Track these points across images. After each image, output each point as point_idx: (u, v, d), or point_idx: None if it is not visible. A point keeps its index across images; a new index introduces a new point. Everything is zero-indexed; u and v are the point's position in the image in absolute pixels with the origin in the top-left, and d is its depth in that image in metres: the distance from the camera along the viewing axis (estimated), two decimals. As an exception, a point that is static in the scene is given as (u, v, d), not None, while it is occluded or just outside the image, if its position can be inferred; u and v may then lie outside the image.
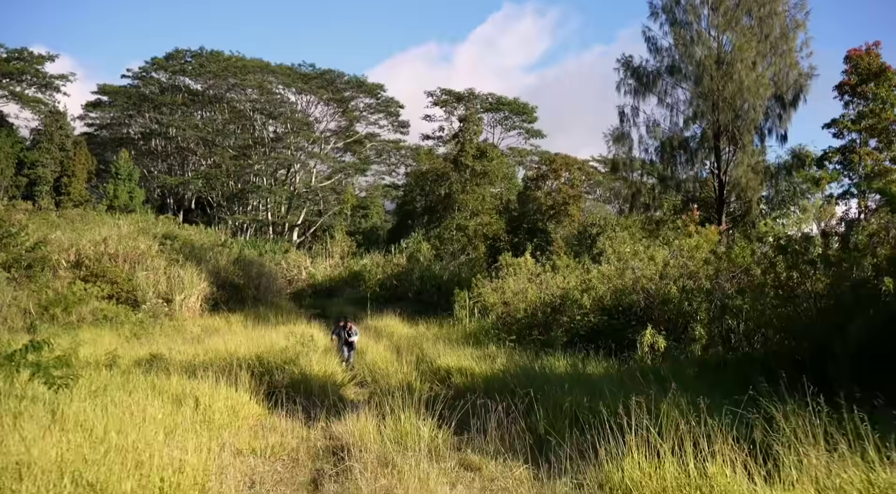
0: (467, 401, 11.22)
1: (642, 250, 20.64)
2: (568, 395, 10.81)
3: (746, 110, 29.50)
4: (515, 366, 15.10)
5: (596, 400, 10.34)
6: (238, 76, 76.45)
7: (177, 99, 77.95)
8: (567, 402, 10.52)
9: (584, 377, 13.29)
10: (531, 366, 14.85)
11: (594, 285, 20.04)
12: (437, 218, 50.78)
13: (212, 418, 11.24)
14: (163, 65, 78.54)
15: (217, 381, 13.08)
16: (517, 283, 23.97)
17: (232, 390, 12.76)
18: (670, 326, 16.94)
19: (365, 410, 11.45)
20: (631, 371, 13.58)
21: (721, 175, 30.75)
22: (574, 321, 19.48)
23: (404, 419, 10.32)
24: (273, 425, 11.74)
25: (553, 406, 10.66)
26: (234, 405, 12.01)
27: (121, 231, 35.75)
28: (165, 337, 23.51)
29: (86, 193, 67.90)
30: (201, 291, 33.08)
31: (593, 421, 9.31)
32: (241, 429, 11.34)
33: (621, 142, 32.45)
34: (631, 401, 8.62)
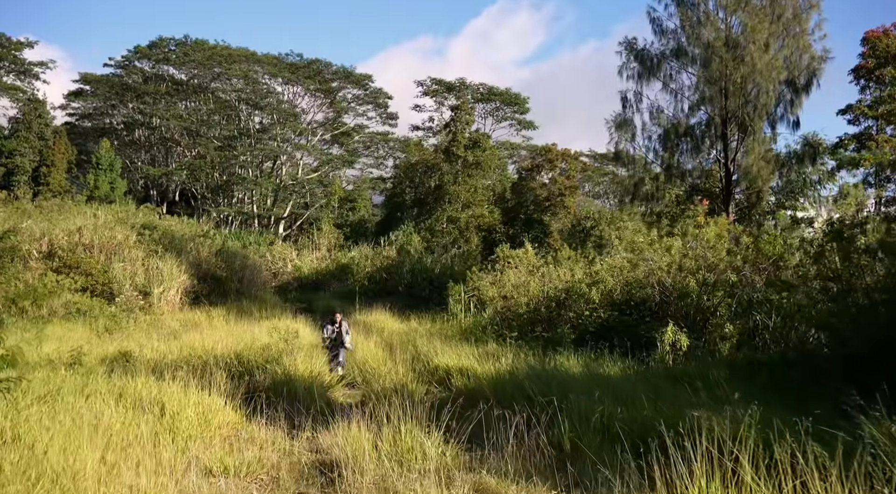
0: (472, 408, 9.76)
1: (657, 239, 19.05)
2: (598, 403, 9.25)
3: (758, 95, 27.97)
4: (524, 367, 13.57)
5: (633, 409, 8.84)
6: (223, 65, 74.68)
7: (160, 88, 76.12)
8: (597, 412, 8.92)
9: (602, 379, 11.79)
10: (541, 367, 13.30)
11: (603, 277, 18.55)
12: (427, 210, 49.22)
13: (179, 427, 9.70)
14: (146, 53, 76.64)
15: (188, 383, 11.53)
16: (518, 276, 22.44)
17: (205, 394, 11.21)
18: (688, 322, 15.47)
19: (357, 418, 9.89)
20: (653, 373, 12.13)
21: (728, 164, 29.26)
22: (582, 316, 18.01)
23: (405, 432, 8.77)
24: (251, 435, 10.20)
25: (579, 417, 9.09)
26: (205, 412, 10.45)
27: (97, 221, 34.00)
28: (140, 332, 21.95)
29: (66, 183, 66.08)
30: (181, 283, 31.55)
31: (629, 434, 7.82)
32: (214, 441, 9.78)
33: (624, 129, 30.90)
34: (683, 412, 7.06)
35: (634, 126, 30.96)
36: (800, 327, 13.01)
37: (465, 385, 13.35)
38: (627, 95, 31.00)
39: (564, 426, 8.76)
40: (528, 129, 75.01)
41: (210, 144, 74.69)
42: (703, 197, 28.43)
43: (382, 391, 12.61)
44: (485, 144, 49.01)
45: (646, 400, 9.20)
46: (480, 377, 13.56)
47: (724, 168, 29.36)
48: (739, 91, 28.26)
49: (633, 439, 7.77)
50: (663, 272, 16.94)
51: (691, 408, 7.37)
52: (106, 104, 79.88)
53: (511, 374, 12.99)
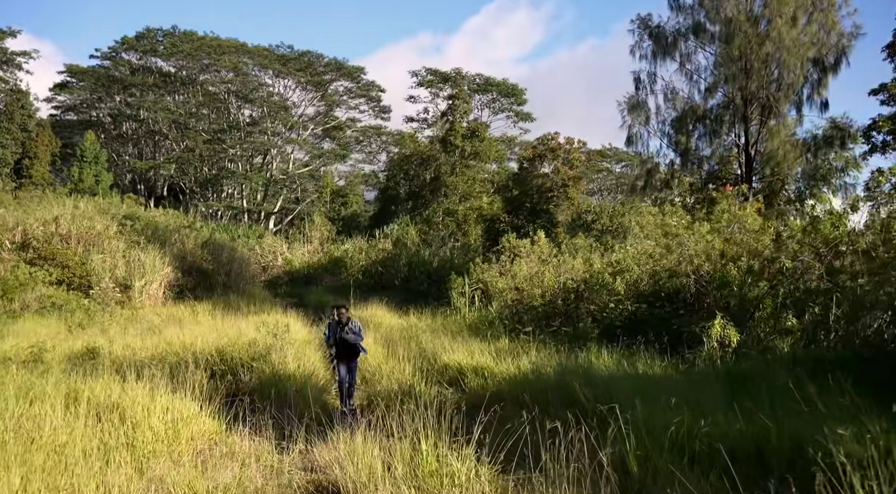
0: (498, 414, 7.94)
1: (690, 223, 17.10)
2: (664, 412, 7.41)
3: (783, 74, 26.08)
4: (550, 365, 11.74)
5: (716, 420, 7.01)
6: (212, 57, 72.92)
7: (148, 80, 74.28)
8: (671, 424, 7.01)
9: (648, 380, 9.96)
10: (574, 365, 11.45)
11: (629, 266, 16.70)
12: (422, 203, 47.44)
13: (140, 440, 7.84)
14: (133, 45, 74.69)
15: (157, 385, 9.66)
16: (530, 266, 20.58)
17: (177, 397, 9.35)
18: (730, 315, 13.64)
19: (361, 427, 8.04)
20: (703, 373, 10.35)
21: (749, 149, 27.40)
22: (606, 309, 16.18)
23: (426, 448, 6.90)
24: (231, 448, 8.36)
25: (645, 429, 7.20)
26: (176, 421, 8.58)
27: (76, 210, 32.07)
28: (117, 327, 20.02)
29: (49, 176, 64.18)
30: (164, 276, 29.66)
31: (717, 454, 6.01)
32: (184, 457, 7.91)
33: (637, 111, 28.99)
34: (799, 427, 5.22)
35: (648, 109, 29.09)
36: (872, 320, 11.21)
37: (482, 387, 11.53)
38: (640, 75, 29.13)
39: (629, 443, 6.84)
40: (526, 120, 73.26)
41: (199, 138, 72.93)
42: (725, 183, 26.48)
43: (386, 394, 10.83)
44: (483, 133, 47.22)
45: (721, 409, 7.36)
46: (499, 377, 11.75)
47: (745, 153, 27.52)
48: (763, 70, 26.37)
49: (724, 460, 5.93)
50: (700, 259, 15.07)
51: (797, 419, 5.56)
52: (92, 96, 78.02)
53: (536, 374, 11.18)
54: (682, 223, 16.74)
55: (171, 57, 75.28)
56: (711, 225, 16.45)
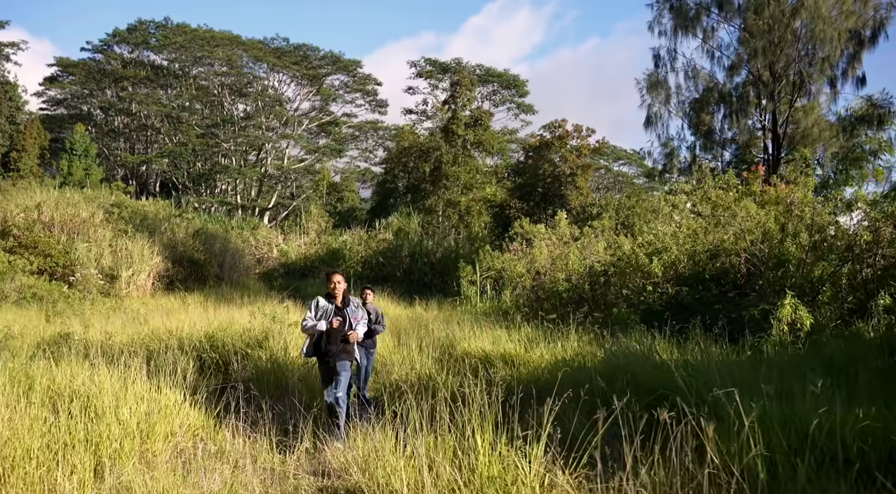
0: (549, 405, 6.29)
1: (738, 196, 15.41)
2: (776, 405, 5.75)
3: (819, 47, 24.37)
4: (593, 353, 10.09)
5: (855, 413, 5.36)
6: (205, 49, 71.43)
7: (140, 73, 72.79)
8: (805, 420, 5.34)
9: (729, 367, 8.26)
10: (627, 351, 9.77)
11: (667, 245, 15.04)
12: (421, 196, 45.79)
13: (105, 435, 6.15)
14: (125, 37, 73.09)
15: (132, 372, 7.99)
16: (552, 249, 18.93)
17: (155, 385, 7.67)
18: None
19: (383, 421, 6.38)
20: (792, 360, 8.74)
21: (777, 129, 25.72)
22: (643, 292, 14.52)
23: (483, 446, 5.21)
24: (221, 446, 6.69)
25: (761, 426, 5.49)
26: (151, 412, 6.89)
27: (59, 197, 30.47)
28: (99, 316, 18.35)
29: (38, 169, 62.70)
30: (154, 267, 28.14)
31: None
32: (159, 457, 6.22)
33: (656, 90, 27.35)
34: None
35: (668, 87, 27.45)
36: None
37: (515, 376, 9.87)
38: (660, 51, 27.49)
39: (757, 438, 5.09)
40: (528, 113, 71.60)
41: (192, 132, 71.36)
42: (754, 164, 24.73)
43: (400, 385, 9.20)
44: (487, 121, 45.54)
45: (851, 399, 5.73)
46: (534, 365, 10.09)
47: (772, 134, 25.86)
48: (794, 43, 24.69)
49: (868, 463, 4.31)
50: (755, 234, 13.37)
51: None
52: (83, 90, 76.56)
53: (579, 361, 9.52)
54: (731, 196, 15.09)
55: (163, 49, 73.71)
56: (758, 200, 14.82)
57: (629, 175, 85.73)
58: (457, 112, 45.01)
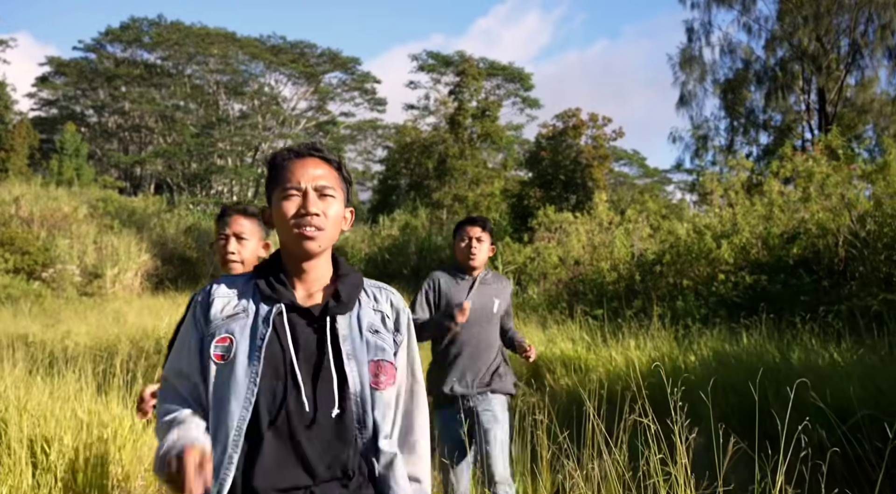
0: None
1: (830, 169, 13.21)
2: None
3: (878, 13, 22.13)
4: (684, 355, 7.95)
5: None
6: (200, 47, 70.24)
7: (133, 72, 71.51)
8: None
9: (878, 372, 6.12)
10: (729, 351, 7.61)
11: (740, 227, 12.88)
12: (425, 193, 43.88)
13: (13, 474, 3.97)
14: (118, 35, 71.76)
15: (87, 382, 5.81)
16: (591, 236, 16.82)
17: (113, 397, 5.50)
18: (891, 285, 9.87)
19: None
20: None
21: (826, 107, 23.52)
22: (713, 282, 12.35)
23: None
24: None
25: None
26: (97, 441, 4.69)
27: (40, 190, 28.67)
28: (75, 316, 16.27)
29: (27, 169, 61.48)
30: (142, 265, 26.42)
31: None
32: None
33: (689, 66, 25.18)
34: None
35: (703, 63, 25.28)
36: None
37: (587, 385, 7.71)
38: (693, 24, 25.26)
39: None
40: (533, 107, 69.60)
41: (186, 131, 70.07)
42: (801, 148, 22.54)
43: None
44: (494, 112, 43.64)
45: None
46: (606, 370, 7.93)
47: (819, 113, 23.65)
48: (850, 10, 22.46)
49: None
50: (859, 209, 11.18)
51: None
52: (75, 90, 75.21)
53: (671, 364, 7.37)
54: (822, 169, 12.92)
55: (156, 47, 72.49)
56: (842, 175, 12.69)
57: (630, 176, 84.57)
58: (463, 103, 43.14)
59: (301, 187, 2.24)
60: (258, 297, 2.25)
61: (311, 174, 2.27)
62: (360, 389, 2.21)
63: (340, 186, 2.35)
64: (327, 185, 2.28)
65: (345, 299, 2.27)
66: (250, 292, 2.27)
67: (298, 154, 2.33)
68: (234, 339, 2.19)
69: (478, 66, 63.72)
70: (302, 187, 2.24)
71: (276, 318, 2.19)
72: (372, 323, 2.31)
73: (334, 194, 2.30)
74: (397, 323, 2.38)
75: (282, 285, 2.25)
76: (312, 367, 2.18)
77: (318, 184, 2.26)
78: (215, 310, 2.25)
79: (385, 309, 2.38)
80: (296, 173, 2.26)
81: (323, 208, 2.24)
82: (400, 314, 2.40)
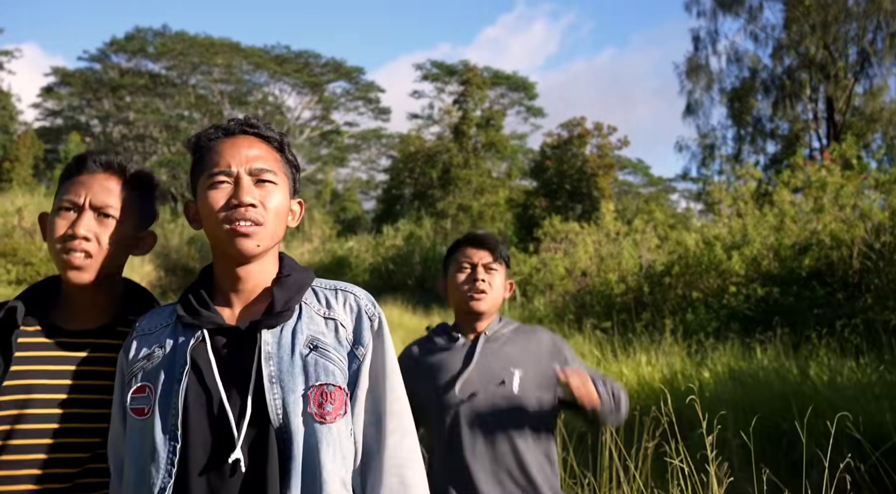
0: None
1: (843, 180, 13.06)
2: None
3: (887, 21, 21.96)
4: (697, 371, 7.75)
5: None
6: (204, 56, 70.76)
7: (137, 81, 72.00)
8: None
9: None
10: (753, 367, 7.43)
11: (750, 238, 12.68)
12: (429, 202, 43.87)
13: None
14: (123, 46, 72.26)
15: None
16: (600, 246, 16.67)
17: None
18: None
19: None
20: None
21: (835, 116, 23.40)
22: (724, 294, 12.17)
23: None
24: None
25: None
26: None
27: (44, 200, 28.78)
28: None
29: (31, 179, 61.90)
30: (145, 275, 26.42)
31: None
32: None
33: (696, 75, 25.06)
34: None
35: (710, 71, 25.15)
36: None
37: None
38: (700, 33, 25.15)
39: None
40: (537, 116, 69.70)
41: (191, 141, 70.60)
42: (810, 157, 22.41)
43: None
44: (499, 121, 43.62)
45: None
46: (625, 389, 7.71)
47: (827, 121, 23.51)
48: (862, 17, 22.27)
49: None
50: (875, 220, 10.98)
51: None
52: (80, 99, 75.70)
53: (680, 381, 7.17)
54: (836, 179, 12.72)
55: (161, 57, 72.99)
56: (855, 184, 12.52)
57: (634, 185, 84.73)
58: (468, 112, 43.15)
59: (231, 172, 1.79)
60: (178, 325, 1.81)
61: (245, 155, 1.81)
62: (286, 423, 1.68)
63: (283, 170, 1.90)
64: (265, 168, 1.82)
65: (278, 308, 1.77)
66: (171, 322, 1.84)
67: (228, 132, 1.88)
68: (152, 387, 1.74)
69: (482, 75, 64.01)
70: (233, 171, 1.79)
71: (193, 350, 1.73)
72: (313, 337, 1.78)
73: (275, 179, 1.84)
74: (358, 332, 1.85)
75: (203, 305, 1.81)
76: (240, 402, 1.69)
77: (253, 167, 1.81)
78: (133, 352, 1.83)
79: (340, 316, 1.85)
80: (224, 155, 1.81)
81: (261, 196, 1.79)
82: (361, 320, 1.86)
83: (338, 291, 1.90)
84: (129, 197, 2.03)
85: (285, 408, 1.68)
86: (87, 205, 1.94)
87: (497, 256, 3.05)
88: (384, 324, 1.90)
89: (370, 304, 1.90)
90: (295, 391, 1.70)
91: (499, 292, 3.04)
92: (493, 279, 3.01)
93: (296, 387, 1.70)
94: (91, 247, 1.92)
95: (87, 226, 1.92)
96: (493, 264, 3.03)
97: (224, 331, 1.76)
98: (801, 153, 16.54)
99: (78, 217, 1.93)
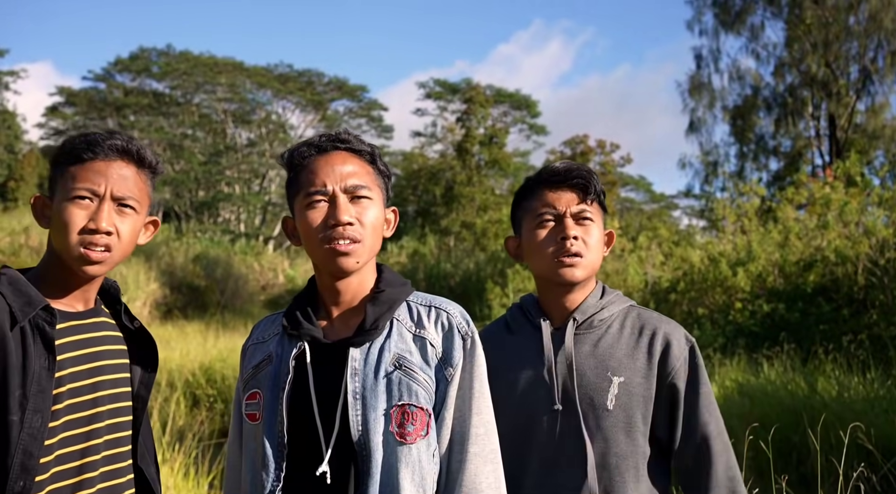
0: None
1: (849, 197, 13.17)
2: None
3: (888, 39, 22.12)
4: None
5: None
6: (208, 76, 71.04)
7: (142, 101, 72.36)
8: None
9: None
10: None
11: (755, 254, 12.76)
12: (433, 220, 43.92)
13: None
14: (127, 65, 72.58)
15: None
16: (605, 263, 16.74)
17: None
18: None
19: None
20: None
21: (837, 133, 23.55)
22: (730, 310, 12.25)
23: None
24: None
25: None
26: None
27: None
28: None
29: None
30: (150, 294, 26.27)
31: None
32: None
33: (699, 93, 25.20)
34: None
35: (713, 89, 25.30)
36: None
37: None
38: (702, 51, 25.31)
39: None
40: (540, 133, 69.81)
41: (194, 159, 70.61)
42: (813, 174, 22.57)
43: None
44: (502, 139, 43.81)
45: None
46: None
47: (830, 139, 23.67)
48: (859, 37, 22.47)
49: None
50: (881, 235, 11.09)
51: None
52: (85, 118, 75.93)
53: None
54: (840, 196, 12.83)
55: (165, 77, 73.32)
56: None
57: (636, 201, 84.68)
58: (471, 130, 43.31)
59: (327, 191, 1.83)
60: (284, 336, 1.90)
61: (339, 173, 1.84)
62: (365, 440, 1.74)
63: (377, 182, 1.92)
64: (360, 184, 1.86)
65: (368, 325, 1.80)
66: (279, 330, 1.93)
67: (320, 149, 1.90)
68: (262, 394, 1.85)
69: (485, 93, 64.30)
70: (328, 190, 1.83)
71: (295, 360, 1.81)
72: (400, 355, 1.79)
73: (369, 194, 1.87)
74: (447, 351, 1.83)
75: (305, 317, 1.87)
76: (331, 417, 1.77)
77: (348, 184, 1.84)
78: (248, 360, 1.96)
79: (430, 335, 1.84)
80: (319, 174, 1.85)
81: (357, 213, 1.83)
82: (452, 339, 1.84)
83: (431, 307, 1.89)
84: (145, 187, 2.02)
85: (366, 425, 1.74)
86: (109, 195, 1.89)
87: (591, 197, 2.24)
88: (477, 343, 1.89)
89: (464, 322, 1.89)
90: (377, 408, 1.75)
91: (597, 252, 2.26)
92: (588, 234, 2.21)
93: (378, 405, 1.75)
94: (112, 241, 1.91)
95: (109, 219, 1.88)
96: (587, 209, 2.23)
97: (319, 345, 1.84)
98: (804, 170, 16.65)
99: (98, 209, 1.88)
